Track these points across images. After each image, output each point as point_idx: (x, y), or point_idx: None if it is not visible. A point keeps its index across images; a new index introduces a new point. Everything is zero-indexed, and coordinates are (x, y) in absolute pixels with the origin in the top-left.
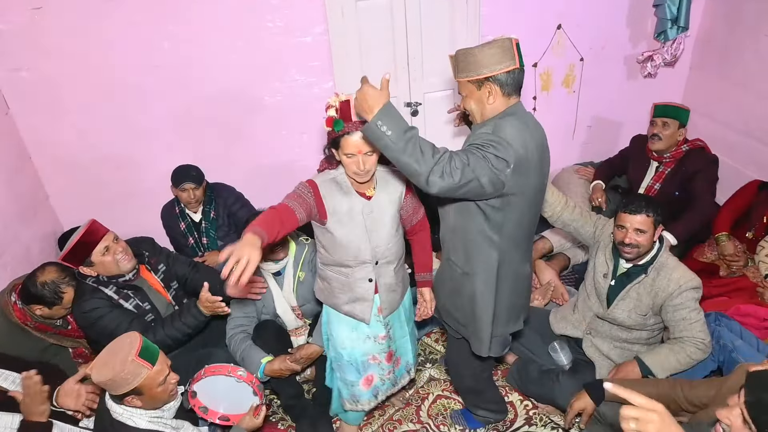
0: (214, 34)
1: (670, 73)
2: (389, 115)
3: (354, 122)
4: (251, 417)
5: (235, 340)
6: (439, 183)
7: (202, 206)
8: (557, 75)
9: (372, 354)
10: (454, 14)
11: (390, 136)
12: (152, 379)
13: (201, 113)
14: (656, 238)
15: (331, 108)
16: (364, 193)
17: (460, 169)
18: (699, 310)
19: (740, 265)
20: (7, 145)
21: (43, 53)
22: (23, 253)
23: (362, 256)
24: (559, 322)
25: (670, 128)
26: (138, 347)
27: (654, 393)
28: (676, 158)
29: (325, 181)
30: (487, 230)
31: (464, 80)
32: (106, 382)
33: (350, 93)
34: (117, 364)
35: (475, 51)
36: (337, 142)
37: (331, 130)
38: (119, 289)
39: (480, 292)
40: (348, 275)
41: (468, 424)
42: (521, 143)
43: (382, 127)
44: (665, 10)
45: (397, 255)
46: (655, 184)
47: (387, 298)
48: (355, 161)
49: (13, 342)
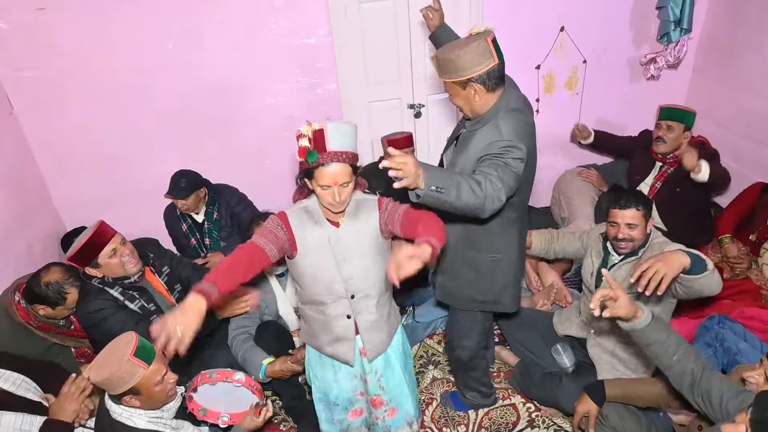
0: (217, 35)
1: (673, 75)
2: (432, 174)
3: (329, 153)
4: (252, 417)
5: (237, 341)
6: (493, 208)
7: (205, 207)
8: (560, 77)
9: (360, 390)
10: (458, 16)
11: (444, 192)
12: (148, 378)
13: (204, 114)
14: (649, 230)
15: (303, 138)
16: (337, 222)
17: (502, 188)
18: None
19: (744, 268)
20: (11, 145)
21: (46, 53)
22: (26, 252)
23: (335, 289)
24: (563, 323)
25: (675, 131)
26: (134, 347)
27: (656, 392)
28: (678, 158)
29: (296, 211)
30: (505, 210)
31: (448, 81)
32: (103, 382)
33: (323, 122)
34: (113, 364)
35: (452, 57)
36: (311, 173)
37: (303, 161)
38: (124, 290)
39: (511, 268)
40: (324, 312)
41: (455, 405)
42: (526, 137)
43: (439, 188)
44: (668, 12)
45: (378, 289)
46: (657, 182)
47: (370, 338)
48: (330, 192)
49: (17, 341)
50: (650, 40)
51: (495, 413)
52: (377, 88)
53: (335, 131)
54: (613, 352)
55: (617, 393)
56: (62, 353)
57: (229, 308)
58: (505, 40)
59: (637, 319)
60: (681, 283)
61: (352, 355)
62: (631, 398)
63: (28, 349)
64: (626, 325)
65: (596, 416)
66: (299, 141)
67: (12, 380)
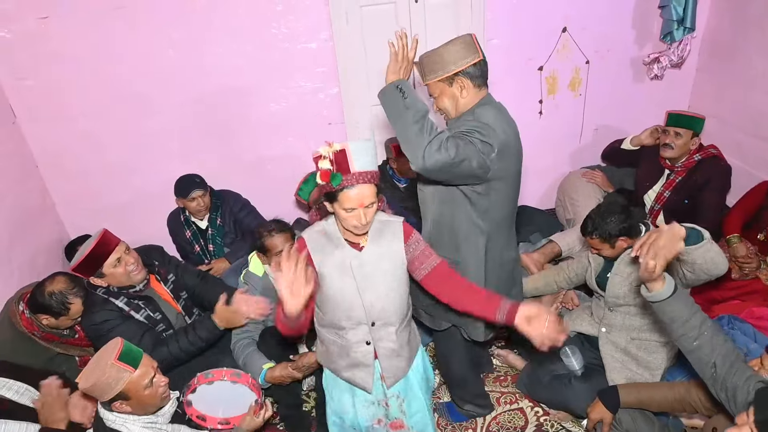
0: (218, 41)
1: (676, 75)
2: (409, 86)
3: (353, 174)
4: (251, 417)
5: (239, 346)
6: (435, 156)
7: (209, 213)
8: (563, 78)
9: (378, 417)
10: (459, 19)
11: (407, 101)
12: (136, 383)
13: (206, 120)
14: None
15: (324, 159)
16: (358, 244)
17: (455, 147)
18: None
19: (753, 268)
20: (14, 154)
21: (49, 62)
22: (30, 261)
23: (355, 315)
24: (573, 321)
25: (683, 138)
26: (118, 351)
27: (670, 397)
28: (687, 167)
29: (314, 234)
30: (474, 217)
31: (434, 81)
32: (91, 389)
33: (344, 142)
34: (98, 370)
35: (440, 51)
36: (334, 196)
37: (326, 184)
38: (130, 300)
39: (472, 279)
40: (343, 337)
41: (451, 417)
42: (502, 129)
43: (403, 91)
44: (671, 11)
45: (399, 316)
46: (665, 191)
47: (389, 365)
48: (356, 215)
49: (21, 351)
50: (653, 39)
51: (502, 418)
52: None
53: (358, 151)
54: (626, 349)
55: (632, 399)
56: (66, 363)
57: (228, 321)
58: (507, 42)
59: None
60: (684, 261)
61: (371, 381)
62: (646, 404)
63: (31, 359)
64: (648, 294)
65: (610, 423)
66: (319, 163)
67: (15, 389)
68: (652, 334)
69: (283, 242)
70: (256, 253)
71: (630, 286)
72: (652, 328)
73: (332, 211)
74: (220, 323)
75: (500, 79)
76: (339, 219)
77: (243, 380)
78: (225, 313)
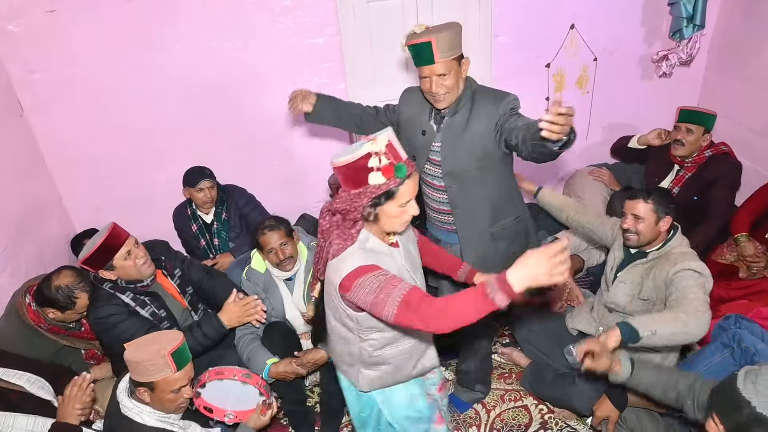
0: (226, 35)
1: (685, 73)
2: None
3: (406, 161)
4: (258, 415)
5: (243, 341)
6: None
7: (214, 207)
8: (570, 75)
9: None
10: (467, 15)
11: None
12: (169, 383)
13: (213, 115)
14: (663, 228)
15: (375, 156)
16: (395, 243)
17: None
18: (703, 292)
19: (761, 267)
20: (21, 147)
21: (56, 55)
22: (36, 254)
23: None
24: (574, 318)
25: (694, 134)
26: (175, 347)
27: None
28: (698, 163)
29: (367, 256)
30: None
31: (448, 59)
32: (132, 363)
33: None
34: (150, 352)
35: (456, 29)
36: (392, 193)
37: (389, 180)
38: (136, 295)
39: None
40: (411, 334)
41: (458, 408)
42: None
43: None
44: (680, 8)
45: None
46: (674, 187)
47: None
48: (411, 206)
49: (27, 343)
50: (662, 36)
51: (507, 415)
52: (386, 87)
53: (396, 139)
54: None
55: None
56: (72, 355)
57: (237, 318)
58: (514, 38)
59: (618, 372)
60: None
61: (435, 356)
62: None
63: (37, 351)
64: (611, 377)
65: (616, 421)
66: (370, 161)
67: (26, 378)
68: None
69: (277, 240)
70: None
71: (629, 299)
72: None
73: (372, 219)
74: (229, 321)
75: (507, 75)
76: (385, 221)
77: (253, 381)
78: (234, 309)
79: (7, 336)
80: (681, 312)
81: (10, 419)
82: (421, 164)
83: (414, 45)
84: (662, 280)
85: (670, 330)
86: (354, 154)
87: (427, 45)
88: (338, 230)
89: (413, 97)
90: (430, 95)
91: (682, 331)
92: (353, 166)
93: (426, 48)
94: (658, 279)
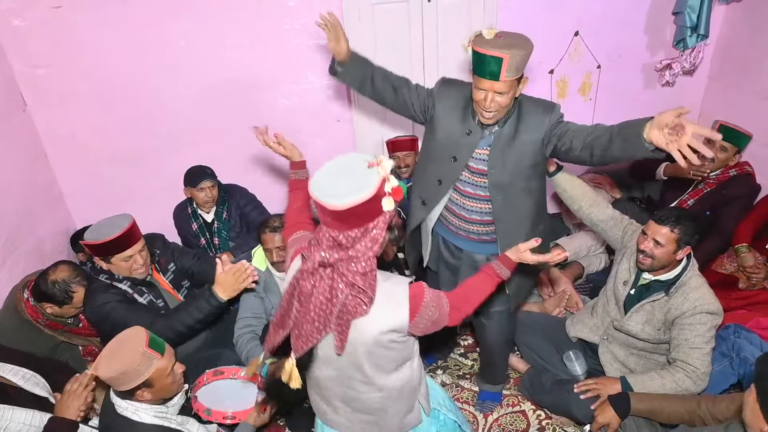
0: (231, 35)
1: (688, 82)
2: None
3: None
4: (258, 413)
5: (242, 340)
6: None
7: (215, 207)
8: (573, 82)
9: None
10: (471, 20)
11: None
12: (162, 369)
13: (216, 114)
14: (679, 257)
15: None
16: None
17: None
18: (708, 340)
19: (760, 278)
20: (24, 142)
21: (61, 51)
22: (36, 250)
23: None
24: (575, 326)
25: (728, 152)
26: (147, 338)
27: (681, 409)
28: (720, 181)
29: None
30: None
31: (512, 79)
32: (117, 377)
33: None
34: (127, 356)
35: (531, 50)
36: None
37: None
38: (133, 284)
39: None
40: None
41: (495, 400)
42: None
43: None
44: (685, 17)
45: None
46: (690, 199)
47: None
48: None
49: (25, 339)
50: (666, 45)
51: (504, 420)
52: None
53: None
54: (624, 362)
55: (643, 407)
56: (69, 351)
57: (232, 287)
58: None
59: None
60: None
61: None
62: (657, 414)
63: (35, 347)
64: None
65: (616, 428)
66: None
67: (22, 374)
68: (652, 354)
69: (276, 242)
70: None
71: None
72: (654, 349)
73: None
74: (224, 293)
75: None
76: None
77: (253, 379)
78: (227, 279)
79: (5, 331)
80: (679, 372)
81: (9, 412)
82: (462, 164)
83: (482, 54)
84: (674, 315)
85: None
86: (369, 187)
87: (498, 60)
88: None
89: (454, 92)
90: (479, 107)
91: (676, 391)
92: (371, 200)
93: (495, 62)
94: (671, 314)
